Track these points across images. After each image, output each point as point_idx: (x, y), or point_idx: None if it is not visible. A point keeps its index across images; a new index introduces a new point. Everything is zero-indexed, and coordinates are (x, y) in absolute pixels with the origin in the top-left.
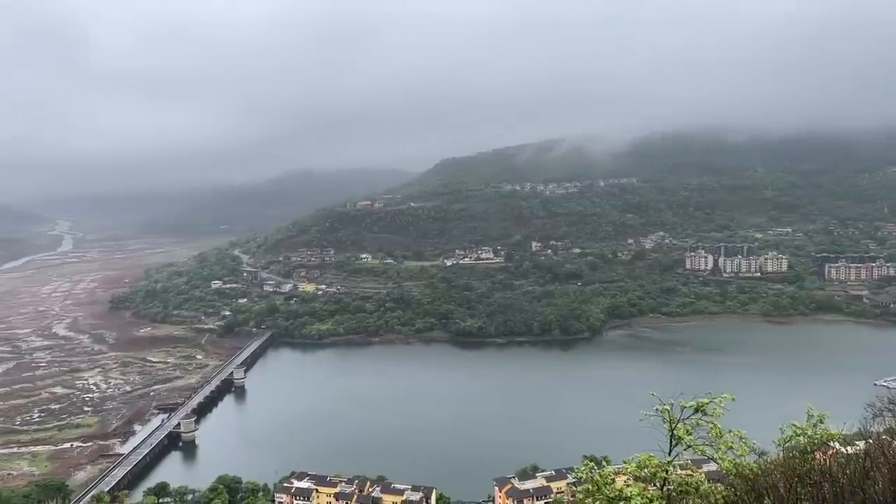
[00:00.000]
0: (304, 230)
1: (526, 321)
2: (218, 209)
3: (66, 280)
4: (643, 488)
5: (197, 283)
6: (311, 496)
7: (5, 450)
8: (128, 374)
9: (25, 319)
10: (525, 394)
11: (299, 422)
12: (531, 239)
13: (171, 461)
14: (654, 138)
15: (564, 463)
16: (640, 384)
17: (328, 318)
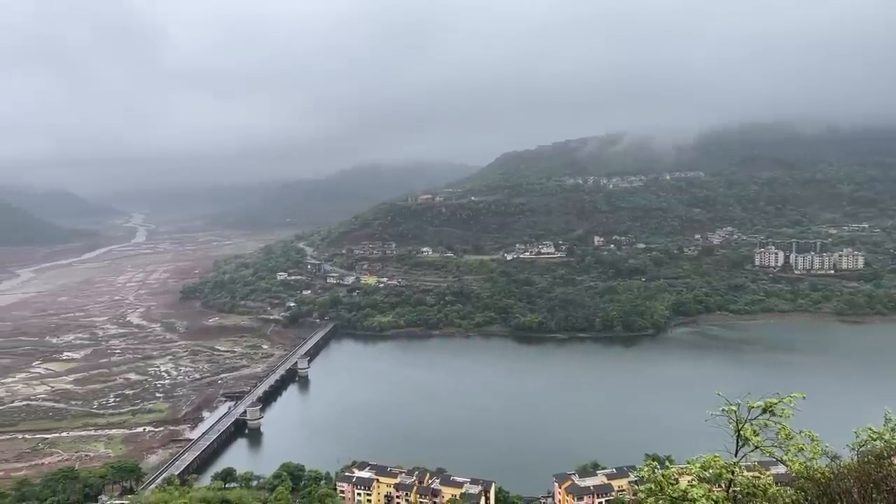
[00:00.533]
0: (366, 224)
1: (588, 317)
2: (284, 203)
3: (140, 270)
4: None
5: (263, 274)
6: (371, 486)
7: (83, 432)
8: (197, 362)
9: (102, 308)
10: (586, 390)
11: (361, 412)
12: (594, 233)
13: (238, 447)
14: (723, 131)
15: (625, 461)
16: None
17: (389, 311)
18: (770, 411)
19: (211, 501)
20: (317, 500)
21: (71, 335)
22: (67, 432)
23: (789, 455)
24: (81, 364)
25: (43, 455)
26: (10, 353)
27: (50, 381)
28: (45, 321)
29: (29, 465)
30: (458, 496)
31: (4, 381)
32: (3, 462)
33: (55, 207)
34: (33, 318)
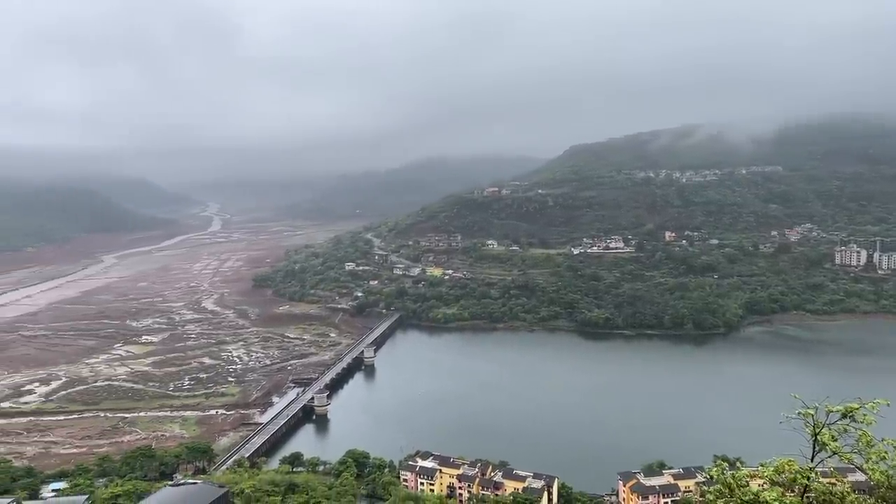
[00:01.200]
0: (432, 216)
1: (656, 314)
2: (353, 194)
3: (215, 258)
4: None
5: (332, 264)
6: (434, 476)
7: (160, 413)
8: (268, 348)
9: (179, 294)
10: (653, 388)
11: (424, 402)
12: (665, 228)
13: (305, 433)
14: (805, 124)
15: (693, 461)
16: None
17: (454, 303)
18: (850, 416)
19: (279, 484)
20: (381, 488)
21: (149, 319)
22: (145, 412)
23: (870, 463)
24: (159, 347)
25: (123, 433)
26: (94, 335)
27: (130, 363)
28: (126, 305)
29: (110, 443)
30: (521, 490)
31: (89, 362)
32: (87, 438)
33: (136, 196)
34: (115, 302)
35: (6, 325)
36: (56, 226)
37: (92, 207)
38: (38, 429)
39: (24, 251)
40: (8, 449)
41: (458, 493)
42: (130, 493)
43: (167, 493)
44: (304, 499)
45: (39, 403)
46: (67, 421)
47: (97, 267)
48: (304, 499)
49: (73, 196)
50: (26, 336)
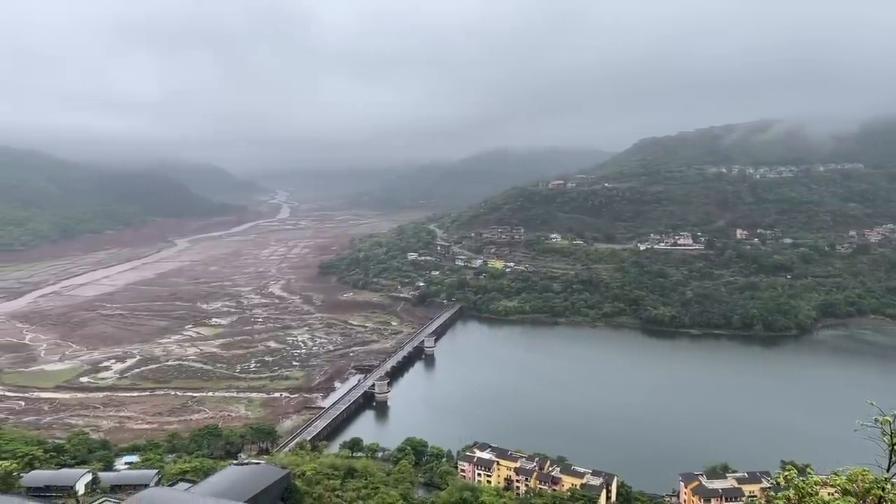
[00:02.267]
0: (495, 208)
1: (725, 313)
2: (418, 185)
3: (283, 245)
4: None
5: (395, 253)
6: (492, 468)
7: (227, 393)
8: (331, 334)
9: (247, 279)
10: (718, 389)
11: (483, 393)
12: (736, 226)
13: (365, 419)
14: (888, 121)
15: (758, 466)
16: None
17: (515, 296)
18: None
19: (339, 468)
20: (438, 477)
21: (219, 302)
22: (213, 392)
23: None
24: (227, 330)
25: (191, 411)
26: (167, 316)
27: (199, 344)
28: (197, 288)
29: (179, 420)
30: (579, 486)
31: (161, 341)
32: (158, 415)
33: (208, 183)
34: (187, 284)
35: (86, 303)
36: (133, 210)
37: (167, 193)
38: (113, 404)
39: (104, 234)
40: (86, 422)
41: (515, 486)
42: (197, 470)
43: (232, 471)
44: (362, 483)
45: (115, 380)
46: (140, 397)
47: (171, 250)
48: (363, 484)
49: (150, 181)
50: (104, 315)
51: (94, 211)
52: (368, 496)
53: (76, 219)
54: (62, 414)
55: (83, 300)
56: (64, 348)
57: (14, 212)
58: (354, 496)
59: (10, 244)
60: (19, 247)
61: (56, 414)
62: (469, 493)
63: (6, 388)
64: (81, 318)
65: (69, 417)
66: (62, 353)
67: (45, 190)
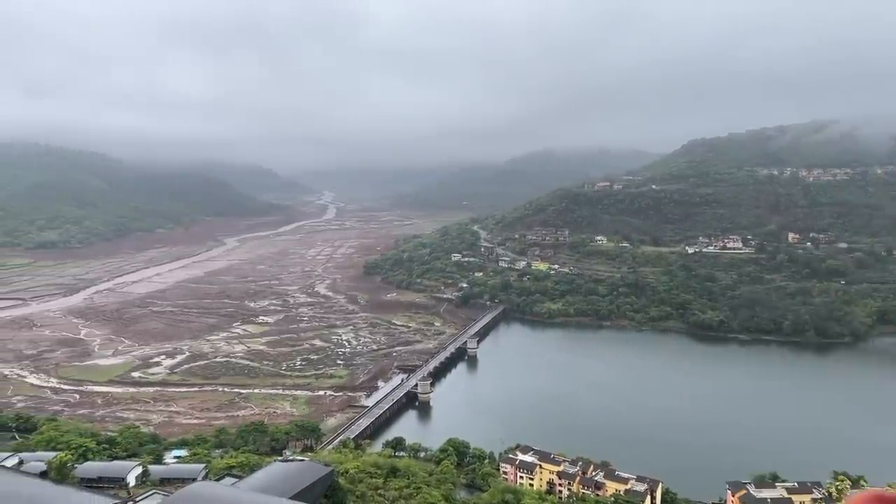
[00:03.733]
0: (540, 209)
1: (775, 319)
2: (462, 186)
3: (328, 245)
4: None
5: (438, 254)
6: (534, 471)
7: (272, 390)
8: (375, 333)
9: (294, 278)
10: (769, 395)
11: (526, 396)
12: (788, 229)
13: (408, 418)
14: None
15: (809, 476)
16: None
17: (559, 298)
18: None
19: (381, 467)
20: (480, 479)
21: (266, 301)
22: (259, 389)
23: None
24: (274, 328)
25: (238, 408)
26: (216, 314)
27: (246, 342)
28: (245, 286)
29: (226, 416)
30: (623, 492)
31: (210, 338)
32: (206, 410)
33: (255, 182)
34: (235, 283)
35: (138, 300)
36: (184, 209)
37: (216, 192)
38: (163, 399)
39: (156, 232)
40: (137, 416)
41: (557, 490)
42: (243, 465)
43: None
44: (405, 483)
45: (165, 375)
46: (189, 393)
47: (220, 249)
48: (406, 483)
49: (199, 181)
50: (156, 311)
51: (146, 210)
52: (411, 496)
53: (129, 217)
54: (114, 407)
55: (135, 297)
56: (117, 343)
57: (71, 211)
58: (397, 495)
59: (67, 242)
60: (76, 244)
61: (109, 407)
62: (511, 495)
63: (63, 381)
64: (134, 314)
65: (121, 411)
66: (115, 349)
67: (100, 189)
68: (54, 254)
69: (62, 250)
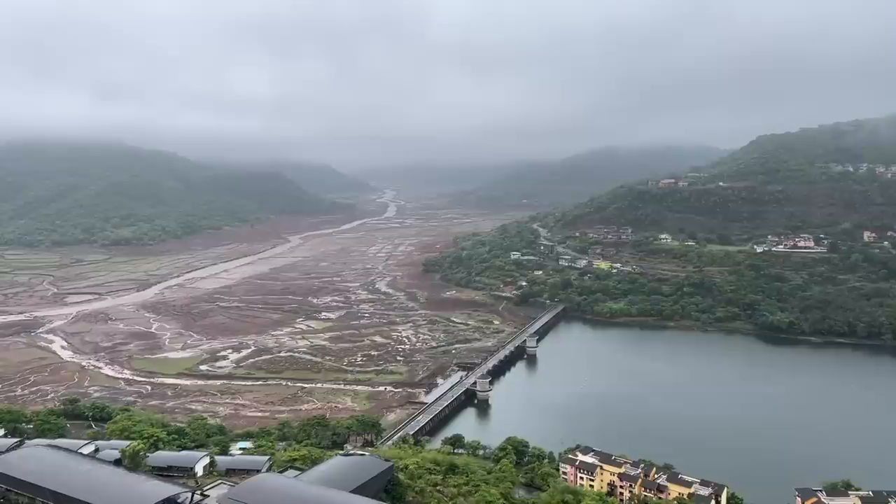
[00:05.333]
0: (602, 207)
1: (849, 321)
2: (522, 183)
3: (389, 242)
4: None
5: (497, 253)
6: (595, 472)
7: (334, 385)
8: (434, 331)
9: (355, 275)
10: (841, 401)
11: (586, 396)
12: (863, 228)
13: (466, 416)
14: None
15: (885, 485)
16: None
17: (621, 298)
18: None
19: (440, 464)
20: (540, 478)
21: (328, 297)
22: (321, 384)
23: None
24: (336, 324)
25: (301, 402)
26: (280, 310)
27: (309, 337)
28: (308, 283)
29: (290, 409)
30: (686, 495)
31: (274, 333)
32: (270, 404)
33: (319, 181)
34: (299, 279)
35: (206, 296)
36: (250, 207)
37: (281, 191)
38: (229, 391)
39: (223, 230)
40: (205, 408)
41: (618, 492)
42: (306, 458)
43: (338, 461)
44: (463, 480)
45: (231, 369)
46: (254, 386)
47: (284, 246)
48: (464, 480)
49: (265, 180)
50: (223, 307)
51: (214, 208)
52: (469, 493)
53: (198, 216)
54: (183, 399)
55: (203, 292)
56: (186, 337)
57: (145, 209)
58: (455, 492)
59: (140, 239)
60: (149, 241)
61: (178, 399)
62: (571, 496)
63: (135, 373)
64: (202, 309)
65: (189, 403)
66: (184, 342)
67: (172, 188)
68: (128, 250)
69: (135, 247)
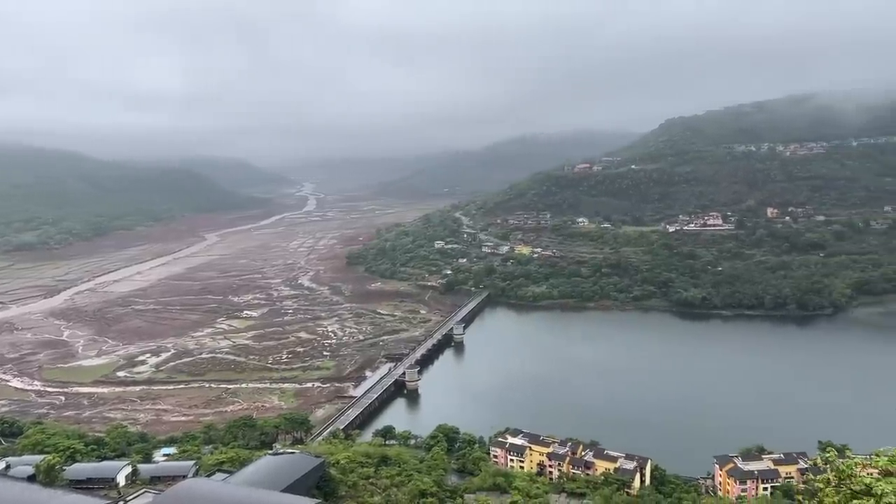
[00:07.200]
0: (521, 194)
1: (757, 294)
2: (443, 172)
3: (310, 237)
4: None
5: (421, 242)
6: (524, 453)
7: (260, 384)
8: (360, 324)
9: (276, 271)
10: (752, 370)
11: (513, 380)
12: (766, 205)
13: (396, 407)
14: None
15: (795, 447)
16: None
17: (543, 281)
18: None
19: (372, 456)
20: (471, 463)
21: (249, 295)
22: (246, 384)
23: None
24: (258, 322)
25: (226, 403)
26: (199, 310)
27: (232, 337)
28: (227, 281)
29: (214, 412)
30: (612, 470)
31: (194, 335)
32: (193, 407)
33: (235, 176)
34: (218, 278)
35: (121, 299)
36: (163, 205)
37: (196, 188)
38: (149, 397)
39: (136, 230)
40: (124, 415)
41: (547, 471)
42: (233, 460)
43: (267, 461)
44: (396, 471)
45: (151, 373)
46: (176, 390)
47: (201, 245)
48: (397, 471)
49: (179, 177)
50: (138, 310)
51: (125, 208)
52: (402, 483)
53: (108, 216)
54: (101, 408)
55: (117, 296)
56: (100, 343)
57: (49, 211)
58: (388, 483)
59: (46, 243)
60: (55, 245)
61: (95, 408)
62: (502, 478)
63: (47, 384)
64: (116, 313)
65: (108, 411)
66: (99, 349)
67: (77, 188)
68: (33, 255)
69: (41, 251)
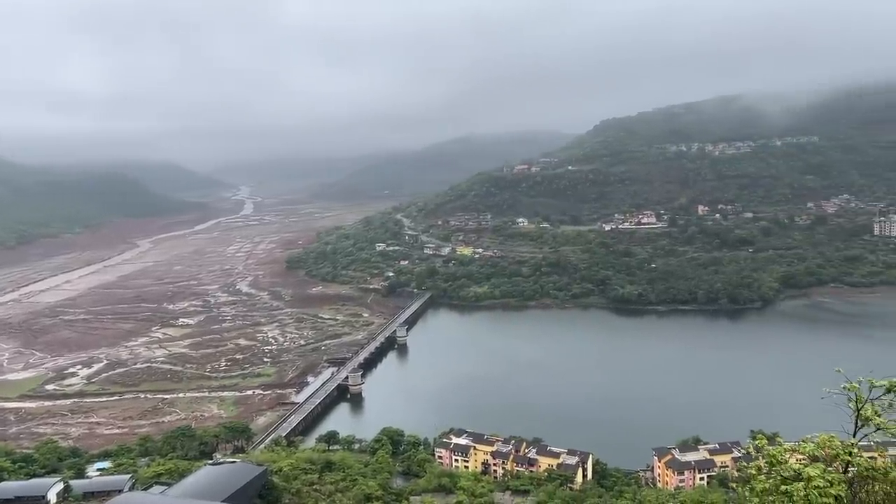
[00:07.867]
0: (461, 195)
1: (690, 289)
2: (383, 174)
3: (248, 241)
4: (823, 469)
5: (363, 245)
6: (468, 453)
7: (198, 394)
8: (302, 329)
9: (213, 277)
10: (687, 364)
11: (457, 380)
12: (697, 203)
13: (340, 411)
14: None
15: (729, 437)
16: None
17: (484, 282)
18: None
19: (316, 462)
20: (416, 465)
21: (185, 302)
22: (184, 393)
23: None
24: (195, 329)
25: (163, 414)
26: (132, 319)
27: (167, 345)
28: (162, 289)
29: (151, 423)
30: (555, 466)
31: (128, 345)
32: (128, 419)
33: (168, 180)
34: (152, 286)
35: (48, 310)
36: (91, 211)
37: (125, 193)
38: (81, 410)
39: (62, 237)
40: (54, 430)
41: (492, 470)
42: (172, 472)
43: (208, 471)
44: (340, 476)
45: (82, 386)
46: (109, 402)
47: (133, 252)
48: (341, 476)
49: (107, 181)
50: (67, 320)
51: (51, 214)
52: (347, 488)
53: (33, 223)
54: (29, 423)
55: (44, 306)
56: (27, 356)
57: None
58: (333, 489)
59: None
60: None
61: (22, 423)
62: (447, 478)
63: None
64: (43, 324)
65: (36, 426)
66: (25, 362)
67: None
68: None
69: None
